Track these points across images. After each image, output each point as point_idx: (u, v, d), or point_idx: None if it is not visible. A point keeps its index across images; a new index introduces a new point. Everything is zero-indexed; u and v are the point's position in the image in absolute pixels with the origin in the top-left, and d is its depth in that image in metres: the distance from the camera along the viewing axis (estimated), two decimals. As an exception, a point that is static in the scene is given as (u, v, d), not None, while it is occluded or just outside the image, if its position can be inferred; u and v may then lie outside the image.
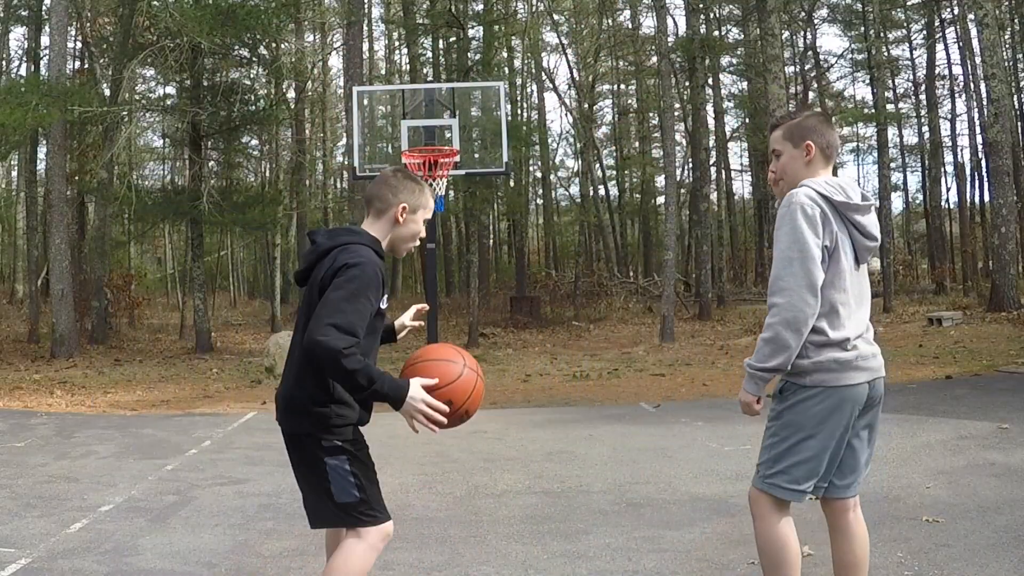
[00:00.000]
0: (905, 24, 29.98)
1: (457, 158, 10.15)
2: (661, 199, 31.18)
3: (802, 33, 31.18)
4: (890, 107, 27.17)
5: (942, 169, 29.74)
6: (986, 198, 25.06)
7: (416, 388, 2.41)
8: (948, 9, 26.68)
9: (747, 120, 30.43)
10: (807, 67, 31.74)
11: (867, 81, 30.14)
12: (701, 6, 24.43)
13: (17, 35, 33.52)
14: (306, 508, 2.56)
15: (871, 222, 2.62)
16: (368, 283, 2.38)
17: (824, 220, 2.52)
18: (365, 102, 12.42)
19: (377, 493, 2.51)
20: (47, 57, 18.35)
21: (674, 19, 29.35)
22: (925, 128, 30.35)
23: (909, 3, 28.19)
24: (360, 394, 2.38)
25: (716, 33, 27.81)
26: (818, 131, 2.69)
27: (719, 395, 9.27)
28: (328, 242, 2.52)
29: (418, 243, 2.75)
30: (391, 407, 2.39)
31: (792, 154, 2.70)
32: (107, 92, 18.23)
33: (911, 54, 30.66)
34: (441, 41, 25.33)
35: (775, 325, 2.50)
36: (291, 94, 24.07)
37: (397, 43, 32.81)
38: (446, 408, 2.44)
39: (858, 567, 2.67)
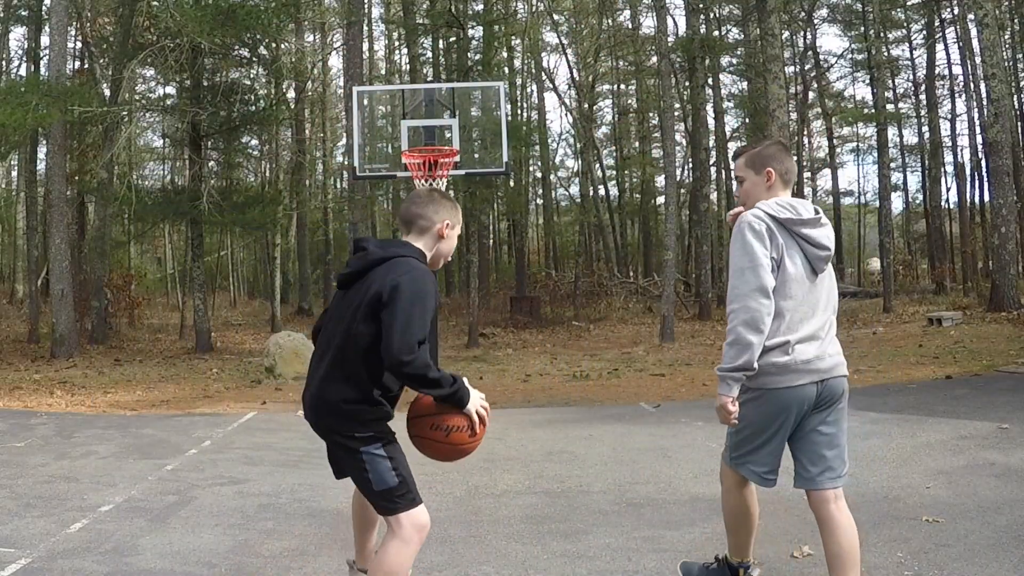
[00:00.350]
0: (905, 24, 29.97)
1: (457, 158, 10.14)
2: (661, 199, 31.18)
3: (802, 33, 31.17)
4: (890, 107, 27.18)
5: (942, 169, 29.76)
6: (986, 198, 25.05)
7: (475, 392, 2.71)
8: (948, 9, 26.68)
9: (747, 120, 30.40)
10: (807, 67, 31.74)
11: (867, 81, 30.16)
12: (701, 6, 24.43)
13: (17, 35, 33.55)
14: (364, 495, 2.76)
15: (821, 234, 2.89)
16: (429, 295, 2.60)
17: (770, 234, 2.83)
18: (365, 102, 12.41)
19: (412, 478, 2.70)
20: (47, 57, 18.35)
21: (674, 19, 29.38)
22: (925, 128, 30.36)
23: (909, 3, 28.19)
24: (441, 395, 2.62)
25: (716, 33, 27.80)
26: (777, 159, 3.01)
27: (719, 395, 9.26)
28: (381, 252, 2.69)
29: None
30: (457, 407, 2.66)
31: (754, 180, 3.01)
32: (107, 92, 18.23)
33: (911, 54, 30.67)
34: (441, 41, 25.32)
35: (736, 328, 2.77)
36: (291, 94, 24.08)
37: (397, 43, 32.79)
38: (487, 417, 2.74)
39: (844, 557, 2.84)
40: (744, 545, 3.10)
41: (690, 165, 29.31)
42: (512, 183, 23.88)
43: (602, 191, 32.76)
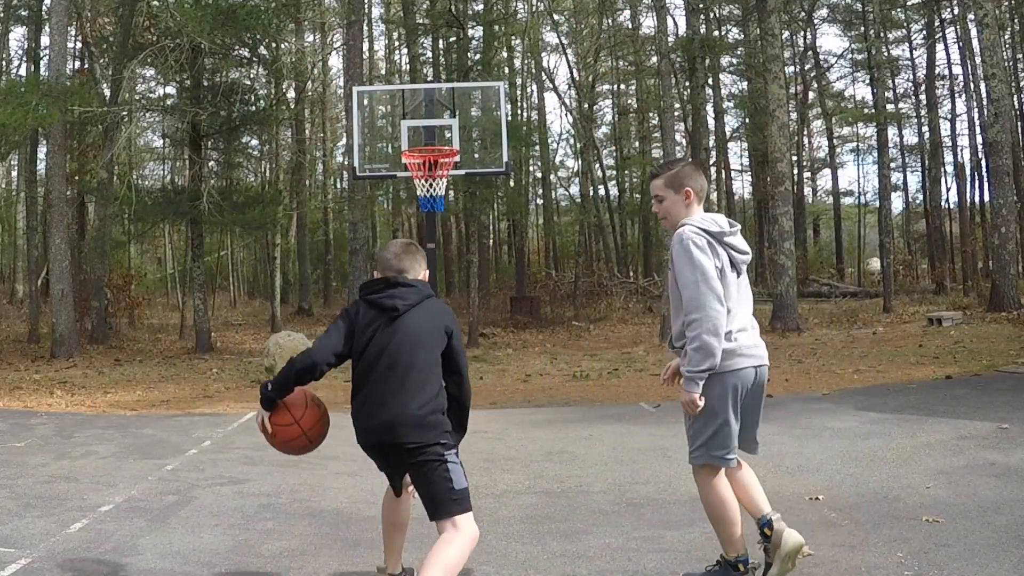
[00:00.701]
0: (905, 24, 29.97)
1: (457, 158, 10.13)
2: (661, 199, 31.08)
3: (802, 33, 31.19)
4: (890, 107, 27.17)
5: (942, 169, 29.75)
6: (986, 198, 25.06)
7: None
8: (948, 9, 26.68)
9: (747, 120, 30.42)
10: (807, 67, 31.76)
11: (867, 81, 30.18)
12: (701, 6, 24.43)
13: (17, 35, 33.57)
14: (427, 504, 3.04)
15: (740, 241, 3.33)
16: None
17: (711, 246, 3.22)
18: (365, 102, 12.41)
19: None
20: (47, 57, 18.35)
21: (674, 19, 29.38)
22: (925, 128, 30.35)
23: (909, 3, 28.19)
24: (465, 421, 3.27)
25: (716, 33, 27.82)
26: (693, 178, 3.38)
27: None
28: (425, 291, 3.20)
29: None
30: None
31: (674, 199, 3.38)
32: (107, 92, 18.23)
33: (911, 54, 30.66)
34: (441, 41, 25.33)
35: (700, 336, 3.11)
36: (291, 94, 24.07)
37: (397, 43, 32.79)
38: None
39: (746, 480, 3.38)
40: (734, 538, 3.28)
41: (690, 165, 29.24)
42: (512, 183, 23.87)
43: (602, 191, 32.77)
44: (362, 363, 3.09)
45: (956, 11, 23.81)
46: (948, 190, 31.16)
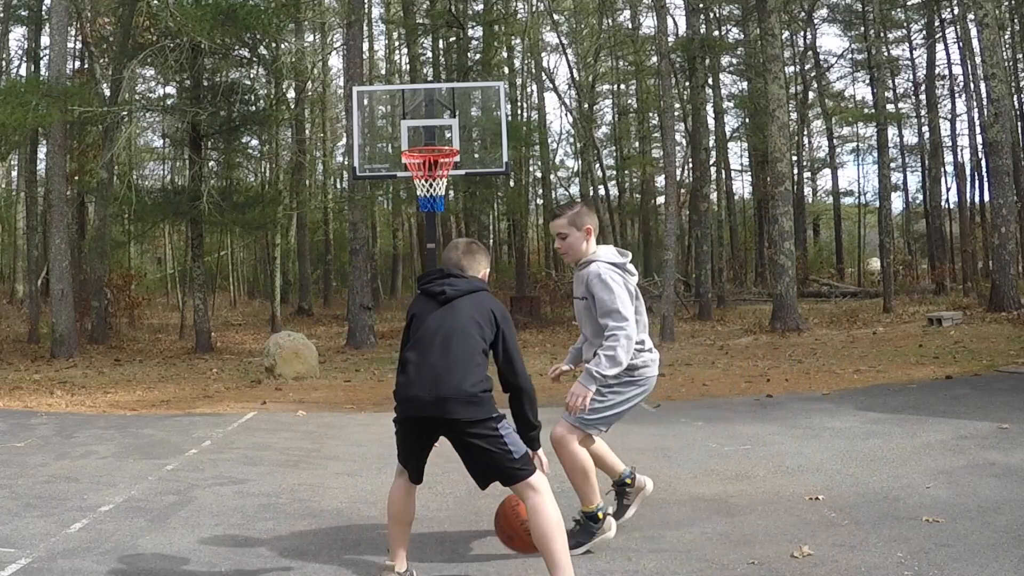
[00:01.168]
0: (905, 24, 29.97)
1: (457, 158, 10.12)
2: (661, 199, 31.20)
3: (802, 33, 31.19)
4: (890, 107, 27.18)
5: (942, 169, 29.75)
6: (986, 198, 25.05)
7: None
8: (948, 9, 26.69)
9: (747, 120, 30.42)
10: (807, 67, 31.76)
11: (867, 81, 30.17)
12: (701, 6, 24.43)
13: (17, 35, 33.53)
14: (477, 475, 3.31)
15: (632, 267, 4.00)
16: None
17: (622, 277, 3.86)
18: (365, 102, 12.40)
19: None
20: (47, 57, 18.34)
21: (674, 19, 29.38)
22: (925, 128, 30.36)
23: (909, 3, 28.20)
24: (535, 419, 3.43)
25: (716, 33, 27.81)
26: (591, 216, 3.99)
27: (719, 395, 9.26)
28: (478, 284, 3.45)
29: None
30: (532, 443, 3.38)
31: (577, 235, 3.93)
32: (107, 92, 18.23)
33: (911, 54, 30.67)
34: (441, 41, 25.35)
35: (617, 349, 3.66)
36: (291, 94, 24.07)
37: (397, 43, 32.80)
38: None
39: (603, 449, 4.16)
40: (594, 491, 3.89)
41: (690, 165, 29.30)
42: (512, 183, 23.89)
43: (602, 191, 32.76)
44: (414, 342, 3.30)
45: (956, 11, 23.81)
46: (948, 190, 31.20)
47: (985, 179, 23.32)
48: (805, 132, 34.15)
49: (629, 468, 4.21)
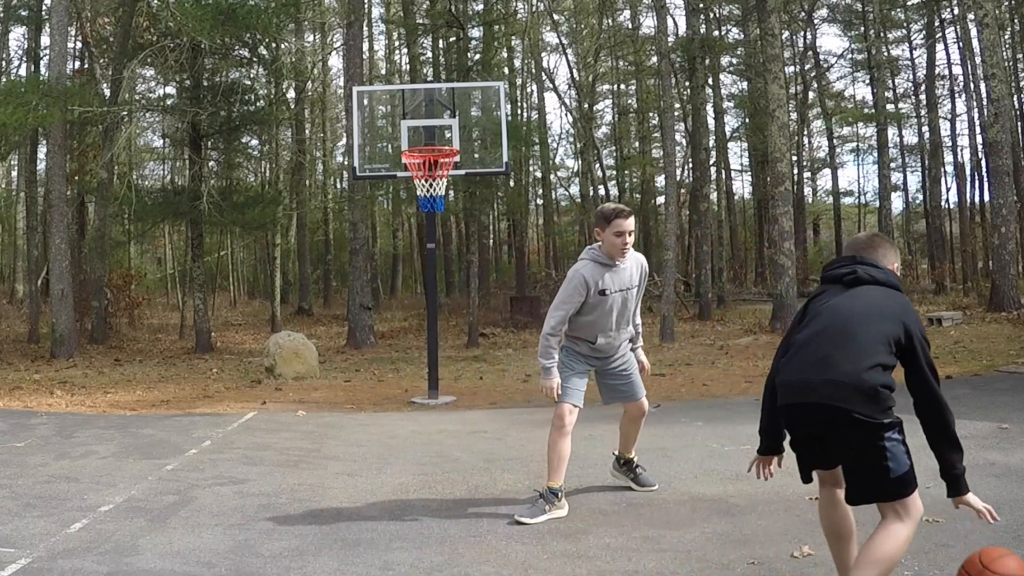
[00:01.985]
0: (905, 24, 29.96)
1: (457, 158, 10.12)
2: (661, 199, 31.19)
3: (802, 33, 31.17)
4: (890, 107, 27.18)
5: (942, 169, 29.72)
6: (986, 198, 25.04)
7: None
8: (948, 9, 26.68)
9: (747, 120, 30.40)
10: (807, 67, 31.73)
11: (867, 81, 30.16)
12: (701, 6, 24.43)
13: (17, 35, 33.51)
14: (850, 485, 2.86)
15: None
16: None
17: None
18: (365, 102, 12.40)
19: None
20: (47, 57, 18.34)
21: (674, 19, 29.37)
22: (925, 128, 30.33)
23: (909, 3, 28.19)
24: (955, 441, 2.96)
25: (716, 33, 27.80)
26: None
27: (719, 395, 9.26)
28: (890, 277, 3.08)
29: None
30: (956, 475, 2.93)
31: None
32: (107, 92, 18.22)
33: (911, 54, 30.65)
34: (441, 41, 25.32)
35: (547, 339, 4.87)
36: (291, 94, 24.07)
37: (397, 43, 32.80)
38: None
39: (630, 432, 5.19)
40: (560, 475, 4.48)
41: (690, 165, 29.29)
42: (512, 183, 23.86)
43: (602, 191, 32.76)
44: (811, 326, 2.98)
45: (956, 11, 23.81)
46: (948, 190, 31.18)
47: (985, 179, 23.32)
48: (805, 132, 34.14)
49: (630, 456, 5.10)
